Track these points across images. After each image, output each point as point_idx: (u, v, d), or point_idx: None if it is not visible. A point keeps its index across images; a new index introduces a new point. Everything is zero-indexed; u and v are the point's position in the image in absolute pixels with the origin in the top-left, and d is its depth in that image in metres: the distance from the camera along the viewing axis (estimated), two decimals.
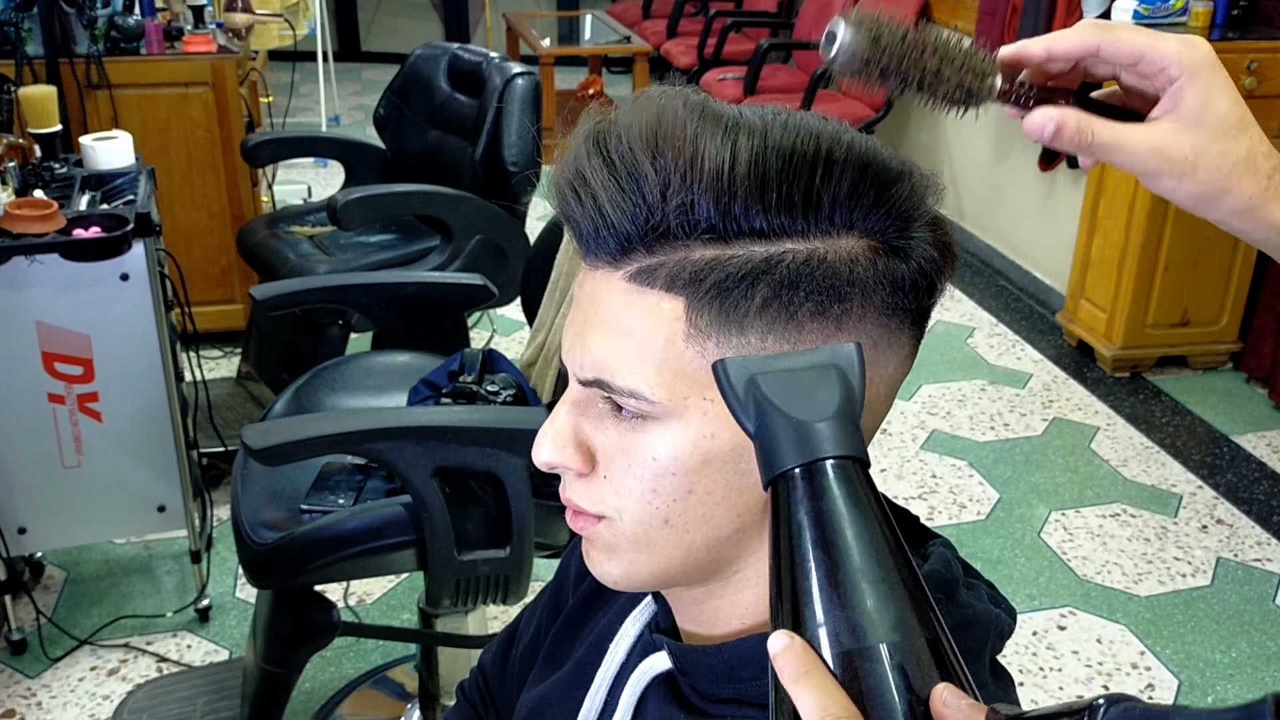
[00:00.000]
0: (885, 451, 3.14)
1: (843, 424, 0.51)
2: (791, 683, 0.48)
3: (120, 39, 3.15)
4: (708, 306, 0.62)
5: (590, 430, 0.68)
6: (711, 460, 0.64)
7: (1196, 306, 3.49)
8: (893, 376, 0.68)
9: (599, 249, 0.64)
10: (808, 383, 0.52)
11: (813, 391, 0.52)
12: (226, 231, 3.35)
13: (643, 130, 0.62)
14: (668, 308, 0.63)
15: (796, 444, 0.51)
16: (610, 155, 0.63)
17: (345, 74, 7.17)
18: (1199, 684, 2.31)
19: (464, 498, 1.69)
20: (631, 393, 0.64)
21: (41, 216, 2.05)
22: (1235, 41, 3.22)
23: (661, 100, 0.64)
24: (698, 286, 0.62)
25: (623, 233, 0.63)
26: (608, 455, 0.67)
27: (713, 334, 0.62)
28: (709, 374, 0.62)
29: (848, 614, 0.48)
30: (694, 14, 6.54)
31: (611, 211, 0.63)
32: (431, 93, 3.11)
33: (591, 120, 0.65)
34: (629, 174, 0.62)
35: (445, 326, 2.22)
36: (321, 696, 2.24)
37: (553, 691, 0.88)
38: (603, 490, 0.67)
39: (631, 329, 0.63)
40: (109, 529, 2.43)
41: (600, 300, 0.65)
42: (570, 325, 0.68)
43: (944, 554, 0.72)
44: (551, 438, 0.68)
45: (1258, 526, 2.84)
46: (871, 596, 0.48)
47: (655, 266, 0.63)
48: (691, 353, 0.63)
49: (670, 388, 0.63)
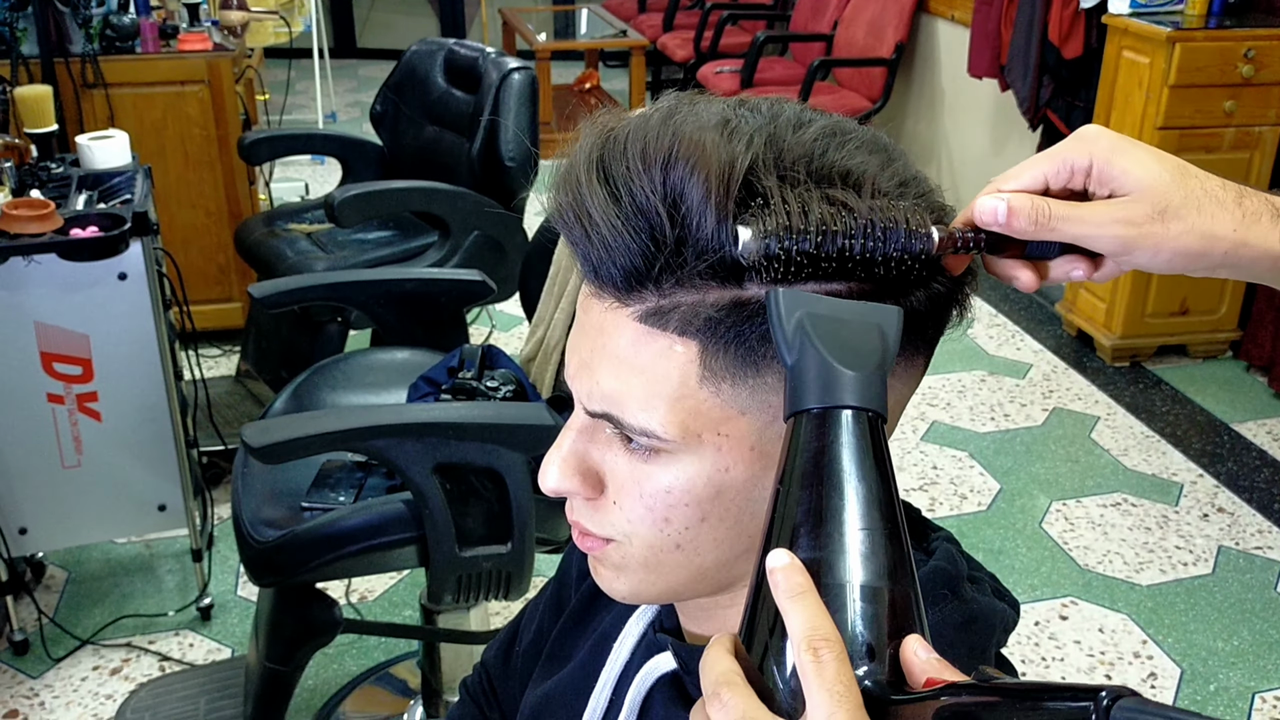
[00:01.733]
0: None
1: (870, 379, 0.53)
2: (786, 599, 0.50)
3: (115, 38, 3.14)
4: (723, 350, 0.59)
5: (598, 456, 0.66)
6: (725, 490, 0.62)
7: (1196, 295, 3.49)
8: (903, 395, 0.66)
9: (604, 281, 0.60)
10: (850, 333, 0.55)
11: (852, 343, 0.54)
12: (224, 230, 3.34)
13: (655, 159, 0.57)
14: (680, 351, 0.60)
15: (823, 386, 0.53)
16: (617, 187, 0.58)
17: (341, 71, 7.16)
18: (1201, 673, 2.32)
19: (465, 494, 1.69)
20: (643, 431, 0.61)
21: (38, 216, 2.05)
22: (1232, 29, 3.21)
23: (675, 121, 0.60)
24: (713, 332, 0.59)
25: (630, 269, 0.59)
26: (617, 483, 0.65)
27: (728, 376, 0.60)
28: (724, 412, 0.61)
29: (831, 552, 0.50)
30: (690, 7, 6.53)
31: (618, 249, 0.58)
32: (428, 88, 3.10)
33: (594, 135, 0.61)
34: (638, 212, 0.58)
35: (444, 323, 2.22)
36: (324, 694, 2.25)
37: (556, 691, 0.88)
38: (612, 516, 0.66)
39: (643, 368, 0.60)
40: (110, 529, 2.42)
41: (608, 333, 0.62)
42: (575, 350, 0.65)
43: (948, 549, 0.72)
44: (558, 464, 0.66)
45: (1259, 514, 2.84)
46: (857, 541, 0.51)
47: (668, 309, 0.59)
48: (705, 393, 0.60)
49: (684, 426, 0.61)
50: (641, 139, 0.59)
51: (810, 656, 0.48)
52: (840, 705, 0.46)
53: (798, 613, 0.49)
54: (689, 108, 0.62)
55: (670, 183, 0.57)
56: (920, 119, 5.02)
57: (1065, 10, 3.59)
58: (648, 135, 0.59)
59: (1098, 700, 0.39)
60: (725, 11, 5.94)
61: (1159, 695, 2.26)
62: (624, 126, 0.60)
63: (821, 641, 0.48)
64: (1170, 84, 3.16)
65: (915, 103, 5.05)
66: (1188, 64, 3.14)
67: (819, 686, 0.47)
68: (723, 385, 0.60)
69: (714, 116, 0.60)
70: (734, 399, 0.60)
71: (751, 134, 0.59)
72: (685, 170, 0.57)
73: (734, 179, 0.57)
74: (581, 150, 0.60)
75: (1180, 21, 3.25)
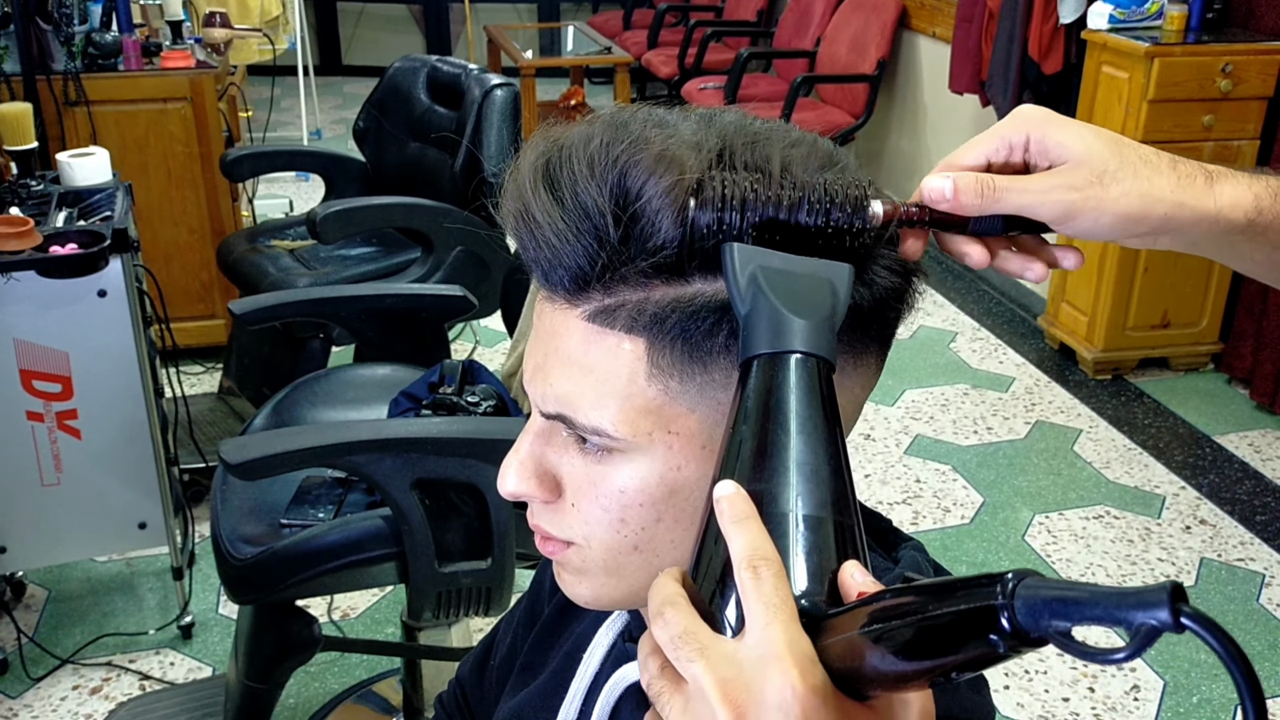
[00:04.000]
0: (869, 457, 3.15)
1: (819, 327, 0.56)
2: (730, 524, 0.52)
3: (98, 55, 3.14)
4: (669, 347, 0.61)
5: (555, 459, 0.67)
6: (679, 490, 0.63)
7: (1177, 308, 3.51)
8: (859, 396, 0.67)
9: (554, 285, 0.63)
10: (802, 286, 0.57)
11: (803, 294, 0.56)
12: (207, 247, 3.34)
13: (596, 160, 0.59)
14: (629, 349, 0.61)
15: (774, 333, 0.55)
16: (561, 191, 0.60)
17: (326, 88, 7.17)
18: (1184, 684, 2.32)
19: (444, 509, 1.69)
20: (595, 430, 0.63)
21: (17, 234, 2.04)
22: (1210, 44, 3.24)
23: (617, 123, 0.62)
24: (659, 328, 0.61)
25: (576, 270, 0.61)
26: (574, 485, 0.66)
27: (675, 372, 0.61)
28: (673, 410, 0.62)
29: (774, 484, 0.53)
30: (674, 24, 6.56)
31: (564, 251, 0.60)
32: (411, 105, 3.11)
33: (539, 143, 0.63)
34: (582, 213, 0.59)
35: (426, 338, 2.22)
36: (306, 712, 2.23)
37: (529, 702, 0.88)
38: (570, 518, 0.67)
39: (593, 367, 0.62)
40: (90, 547, 2.41)
41: (559, 336, 0.64)
42: (530, 355, 0.67)
43: (914, 557, 0.73)
44: (516, 468, 0.67)
45: (1240, 526, 2.85)
46: (799, 475, 0.53)
47: (614, 307, 0.61)
48: (654, 390, 0.61)
49: (634, 424, 0.62)
50: (584, 143, 0.61)
51: (750, 574, 0.50)
52: (775, 616, 0.49)
53: (740, 536, 0.52)
54: (631, 114, 0.64)
55: (611, 181, 0.59)
56: (903, 134, 5.05)
57: (1045, 26, 3.61)
58: (591, 139, 0.61)
59: (1004, 580, 0.43)
60: (709, 29, 5.97)
61: (1142, 708, 2.26)
62: (567, 134, 0.63)
63: (760, 560, 0.51)
64: (1149, 99, 3.18)
65: (898, 118, 5.08)
66: (1166, 79, 3.17)
67: (756, 599, 0.50)
68: (671, 382, 0.61)
69: (655, 118, 0.63)
70: (683, 396, 0.62)
71: (694, 130, 0.62)
72: (627, 166, 0.59)
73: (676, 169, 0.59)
74: (526, 159, 0.62)
75: (1159, 37, 3.28)
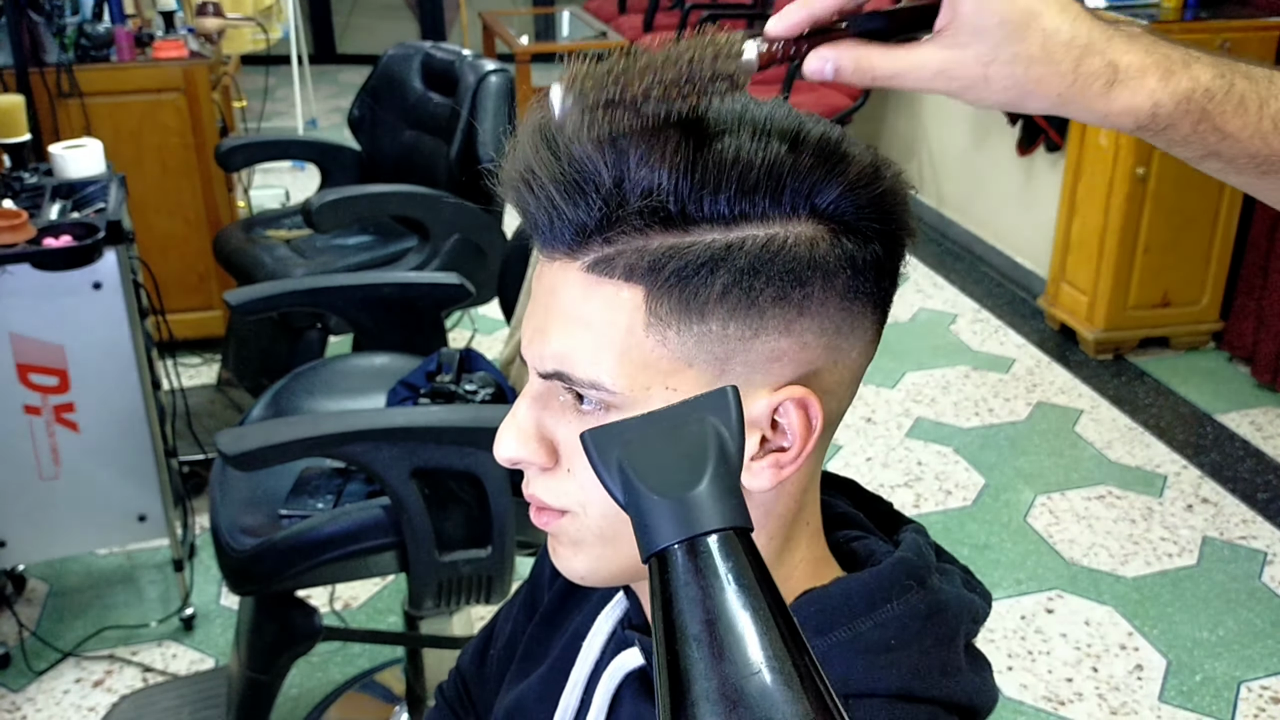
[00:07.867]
0: (870, 440, 3.14)
1: (720, 488, 0.47)
2: None
3: (90, 47, 3.12)
4: (667, 295, 0.61)
5: (552, 424, 0.67)
6: None
7: (1177, 287, 3.50)
8: (857, 362, 0.67)
9: (555, 240, 0.63)
10: (676, 451, 0.49)
11: (686, 453, 0.49)
12: (203, 238, 3.32)
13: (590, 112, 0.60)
14: (626, 297, 0.62)
15: (675, 518, 0.47)
16: (558, 146, 0.61)
17: (321, 76, 7.14)
18: (1187, 663, 2.32)
19: (443, 498, 1.68)
20: (593, 384, 0.63)
21: (11, 227, 2.03)
22: (1208, 21, 3.22)
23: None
24: (657, 275, 0.61)
25: (577, 223, 0.62)
26: (570, 449, 0.66)
27: (673, 322, 0.61)
28: (671, 364, 0.62)
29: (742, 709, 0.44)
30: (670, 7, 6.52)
31: (564, 203, 0.61)
32: (405, 93, 3.09)
33: (537, 110, 0.64)
34: (580, 165, 0.61)
35: (423, 327, 2.21)
36: (309, 702, 2.23)
37: (529, 691, 0.88)
38: (567, 484, 0.67)
39: (591, 320, 0.62)
40: (90, 540, 2.41)
41: (558, 292, 0.64)
42: (529, 319, 0.67)
43: (915, 540, 0.72)
44: (514, 433, 0.67)
45: (1242, 504, 2.85)
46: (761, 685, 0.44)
47: (613, 256, 0.62)
48: (652, 342, 0.62)
49: (631, 378, 0.62)
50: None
51: None
52: None
53: None
54: None
55: (602, 131, 0.59)
56: (900, 115, 5.03)
57: None
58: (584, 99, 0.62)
59: None
60: (705, 11, 5.94)
61: (1145, 686, 2.26)
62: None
63: None
64: None
65: (895, 100, 5.05)
66: None
67: None
68: (669, 333, 0.62)
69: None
70: (680, 349, 0.62)
71: None
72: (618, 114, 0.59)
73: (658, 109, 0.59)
74: (526, 125, 0.64)
75: (1157, 14, 3.26)
